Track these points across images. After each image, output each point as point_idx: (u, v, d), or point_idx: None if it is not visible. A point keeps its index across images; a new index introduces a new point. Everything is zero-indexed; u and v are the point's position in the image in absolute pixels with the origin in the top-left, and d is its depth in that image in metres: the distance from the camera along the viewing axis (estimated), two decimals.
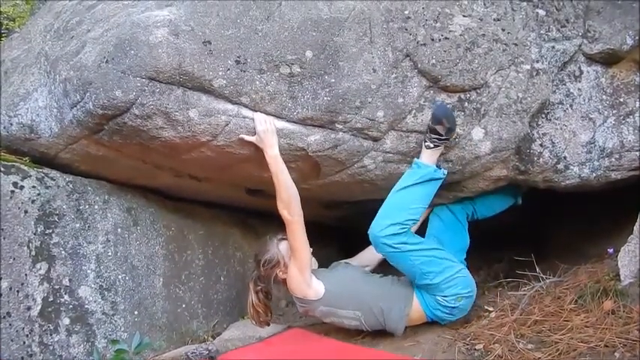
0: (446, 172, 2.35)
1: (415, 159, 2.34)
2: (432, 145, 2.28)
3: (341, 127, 2.26)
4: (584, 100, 2.50)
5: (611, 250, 2.47)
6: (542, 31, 2.46)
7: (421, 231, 2.60)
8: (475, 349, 2.20)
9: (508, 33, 2.38)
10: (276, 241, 2.47)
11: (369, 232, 2.29)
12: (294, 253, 2.33)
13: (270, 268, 2.44)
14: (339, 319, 2.42)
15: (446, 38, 2.30)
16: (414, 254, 2.27)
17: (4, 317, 2.12)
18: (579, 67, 2.52)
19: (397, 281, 2.46)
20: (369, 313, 2.37)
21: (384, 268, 2.62)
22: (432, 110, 2.29)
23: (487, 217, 2.75)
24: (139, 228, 2.66)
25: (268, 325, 2.55)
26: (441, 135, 2.25)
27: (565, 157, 2.47)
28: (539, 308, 2.30)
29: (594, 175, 2.50)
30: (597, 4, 2.55)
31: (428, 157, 2.30)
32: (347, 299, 2.38)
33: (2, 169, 2.24)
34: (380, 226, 2.26)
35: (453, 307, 2.34)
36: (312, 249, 2.41)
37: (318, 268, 2.53)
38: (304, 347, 2.45)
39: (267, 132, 2.16)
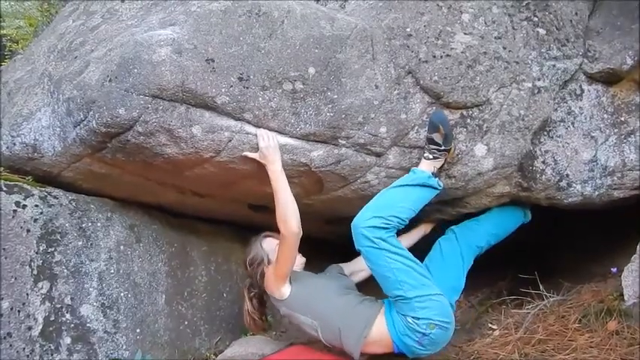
0: (442, 184, 2.33)
1: (413, 168, 2.34)
2: (430, 157, 2.28)
3: (344, 142, 2.27)
4: (586, 119, 2.50)
5: (614, 270, 2.45)
6: (542, 50, 2.46)
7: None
8: None
9: (509, 51, 2.39)
10: (260, 239, 2.52)
11: (352, 223, 2.24)
12: (277, 261, 2.33)
13: (256, 266, 2.47)
14: (297, 323, 2.41)
15: (448, 55, 2.31)
16: (391, 256, 2.18)
17: (5, 338, 2.10)
18: (580, 86, 2.53)
19: (366, 302, 2.36)
20: (327, 327, 2.31)
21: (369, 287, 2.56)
22: (429, 118, 2.29)
23: (500, 238, 2.64)
24: (141, 245, 2.65)
25: (265, 331, 2.57)
26: (440, 145, 2.25)
27: (567, 175, 2.47)
28: (543, 327, 2.29)
29: (597, 193, 2.49)
30: (597, 25, 2.57)
31: (425, 167, 2.31)
32: (308, 307, 2.35)
33: (5, 188, 2.24)
34: (363, 217, 2.22)
35: (424, 335, 2.17)
36: (305, 259, 2.52)
37: (315, 272, 2.55)
38: None
39: (270, 148, 2.17)
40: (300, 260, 2.56)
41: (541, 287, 2.52)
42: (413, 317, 2.17)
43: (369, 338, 2.24)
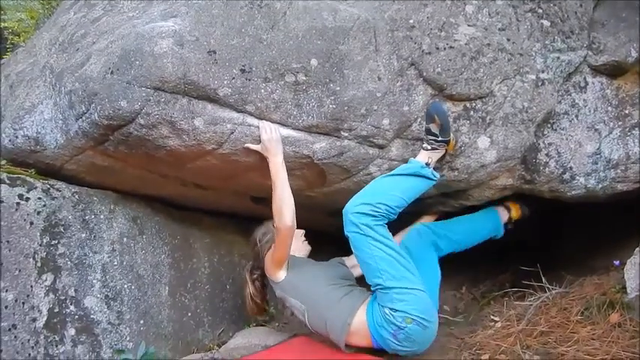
0: (437, 175, 2.32)
1: (410, 158, 2.34)
2: (428, 147, 2.28)
3: (346, 134, 2.26)
4: (590, 111, 2.49)
5: (617, 263, 2.45)
6: (547, 42, 2.44)
7: None
8: (481, 359, 2.18)
9: (513, 43, 2.37)
10: (272, 224, 2.49)
11: (343, 209, 2.24)
12: (274, 252, 2.37)
13: (264, 243, 2.51)
14: (289, 306, 2.46)
15: (451, 47, 2.29)
16: (374, 243, 2.17)
17: (10, 329, 2.12)
18: (584, 78, 2.51)
19: (355, 292, 2.36)
20: (314, 313, 2.33)
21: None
22: (426, 109, 2.29)
23: (465, 247, 2.63)
24: (144, 237, 2.66)
25: (266, 312, 2.62)
26: (437, 136, 2.25)
27: (571, 168, 2.46)
28: (545, 319, 2.29)
29: (600, 186, 2.48)
30: (601, 17, 2.54)
31: (421, 156, 2.31)
32: (299, 292, 2.38)
33: (8, 181, 2.24)
34: (352, 203, 2.22)
35: (399, 328, 2.13)
36: (310, 247, 2.61)
37: (316, 260, 2.59)
38: (310, 355, 2.44)
39: (272, 140, 2.17)
40: (305, 248, 2.62)
41: (543, 280, 2.51)
42: (390, 309, 2.15)
43: (352, 327, 2.23)
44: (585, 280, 2.51)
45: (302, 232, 2.63)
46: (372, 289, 2.25)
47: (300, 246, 2.60)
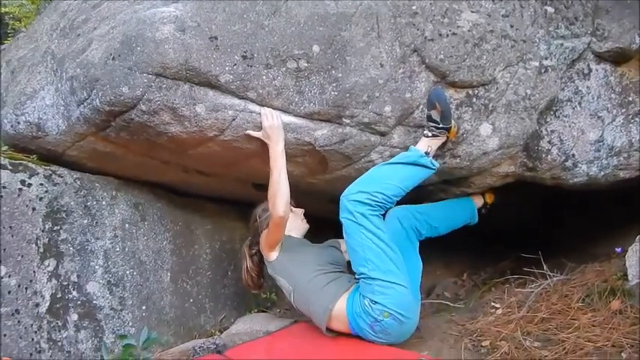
0: (437, 164, 2.31)
1: (411, 146, 2.33)
2: (429, 134, 2.27)
3: (348, 121, 2.25)
4: (593, 98, 2.48)
5: (619, 250, 2.45)
6: (550, 28, 2.43)
7: None
8: (481, 346, 2.19)
9: (516, 29, 2.35)
10: None
11: (341, 195, 2.24)
12: (268, 234, 2.42)
13: (264, 219, 2.52)
14: (279, 285, 2.50)
15: (454, 34, 2.28)
16: (366, 233, 2.17)
17: (13, 314, 2.13)
18: (588, 65, 2.50)
19: (343, 278, 2.37)
20: (299, 295, 2.36)
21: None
22: (427, 96, 2.28)
23: (441, 234, 2.61)
24: (146, 223, 2.67)
25: (261, 288, 2.69)
26: (438, 123, 2.24)
27: (573, 155, 2.45)
28: (546, 306, 2.29)
29: (602, 173, 2.48)
30: (606, 4, 2.52)
31: (422, 144, 2.30)
32: (288, 273, 2.41)
33: (10, 167, 2.25)
34: (350, 190, 2.23)
35: (376, 320, 2.14)
36: (307, 226, 2.64)
37: (313, 243, 2.61)
38: (311, 341, 2.46)
39: (274, 127, 2.16)
40: (303, 226, 2.63)
41: (544, 267, 2.52)
42: (370, 300, 2.15)
43: (333, 312, 2.25)
44: (586, 267, 2.51)
45: (301, 210, 2.65)
46: (356, 277, 2.26)
47: (299, 224, 2.62)
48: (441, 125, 2.24)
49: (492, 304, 2.53)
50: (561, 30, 2.44)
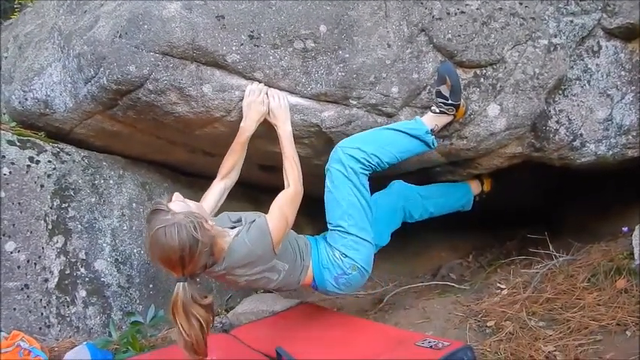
0: (436, 143, 2.29)
1: (417, 116, 2.31)
2: (437, 110, 2.24)
3: (355, 102, 2.25)
4: (602, 76, 2.45)
5: (625, 229, 2.45)
6: (560, 5, 2.40)
7: None
8: (486, 326, 2.20)
9: (526, 7, 2.33)
10: (165, 207, 1.80)
11: (337, 144, 2.20)
12: (287, 217, 2.05)
13: (207, 236, 1.79)
14: (260, 277, 2.08)
15: (462, 12, 2.26)
16: (353, 189, 2.15)
17: (22, 289, 2.17)
18: (598, 42, 2.47)
19: (300, 240, 2.22)
20: (290, 271, 2.12)
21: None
22: (437, 70, 2.25)
23: (431, 217, 2.58)
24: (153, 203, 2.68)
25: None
26: (447, 98, 2.21)
27: (581, 135, 2.43)
28: (551, 286, 2.30)
29: (611, 152, 2.46)
30: None
31: (428, 119, 2.27)
32: (285, 253, 2.10)
33: (18, 143, 2.27)
34: (348, 143, 2.19)
35: (344, 273, 2.16)
36: None
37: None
38: (316, 321, 2.48)
39: (281, 108, 2.15)
40: None
41: (550, 247, 2.52)
42: (341, 253, 2.16)
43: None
44: (592, 247, 2.51)
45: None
46: (330, 227, 2.23)
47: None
48: (449, 101, 2.21)
49: (498, 284, 2.53)
50: (571, 7, 2.41)
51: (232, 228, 2.02)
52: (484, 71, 2.31)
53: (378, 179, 2.29)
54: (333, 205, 2.21)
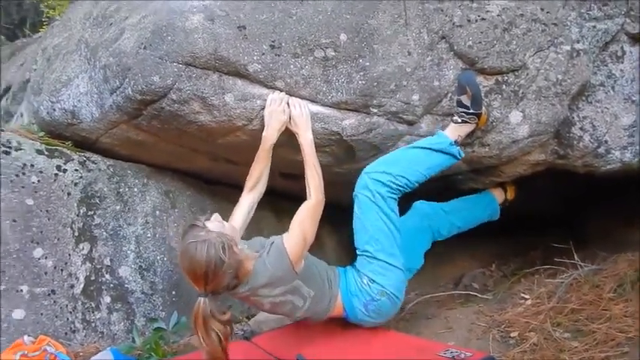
0: (463, 154, 2.28)
1: (439, 130, 2.29)
2: (459, 120, 2.23)
3: (376, 111, 2.25)
4: (627, 82, 2.41)
5: None
6: (582, 10, 2.37)
7: None
8: (510, 337, 2.18)
9: (547, 12, 2.30)
10: (201, 224, 1.88)
11: (363, 170, 2.21)
12: (306, 234, 2.04)
13: (232, 252, 1.85)
14: (285, 300, 2.06)
15: (483, 19, 2.25)
16: (380, 215, 2.14)
17: (49, 294, 2.21)
18: (622, 48, 2.43)
19: (330, 270, 2.23)
20: (315, 299, 2.11)
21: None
22: (456, 80, 2.24)
23: (460, 231, 2.54)
24: (176, 210, 2.72)
25: None
26: (468, 108, 2.20)
27: (606, 141, 2.39)
28: (576, 297, 2.26)
29: (637, 159, 2.41)
30: None
31: (451, 130, 2.25)
32: (310, 277, 2.10)
33: (46, 152, 2.33)
34: (374, 167, 2.20)
35: (372, 299, 2.13)
36: None
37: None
38: (337, 330, 2.46)
39: (302, 116, 2.17)
40: None
41: (575, 257, 2.47)
42: (369, 279, 2.15)
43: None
44: (619, 256, 2.46)
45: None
46: (358, 252, 2.22)
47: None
48: (471, 111, 2.20)
49: (521, 294, 2.50)
50: (594, 12, 2.38)
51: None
52: (506, 78, 2.29)
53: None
54: (360, 230, 2.21)
